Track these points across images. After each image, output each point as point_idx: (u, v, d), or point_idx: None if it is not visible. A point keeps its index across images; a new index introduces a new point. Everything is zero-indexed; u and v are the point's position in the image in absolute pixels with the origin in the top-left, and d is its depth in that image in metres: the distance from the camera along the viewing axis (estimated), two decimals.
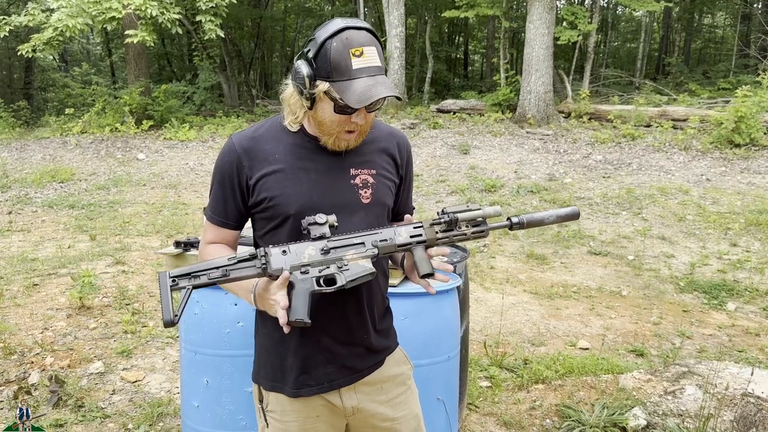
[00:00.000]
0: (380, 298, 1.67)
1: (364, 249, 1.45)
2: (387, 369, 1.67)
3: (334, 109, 1.44)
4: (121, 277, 5.68)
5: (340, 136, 1.50)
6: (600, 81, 16.29)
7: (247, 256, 1.41)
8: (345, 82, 1.40)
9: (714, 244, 6.96)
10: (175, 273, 1.38)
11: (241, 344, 2.34)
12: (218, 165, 1.57)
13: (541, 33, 12.06)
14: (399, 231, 1.48)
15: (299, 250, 1.42)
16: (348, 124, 1.48)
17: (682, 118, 11.36)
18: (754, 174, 9.14)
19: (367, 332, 1.61)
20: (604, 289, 5.79)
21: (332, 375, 1.58)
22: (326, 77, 1.41)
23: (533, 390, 3.59)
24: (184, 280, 1.37)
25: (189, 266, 1.40)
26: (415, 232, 1.49)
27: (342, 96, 1.40)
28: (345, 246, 1.44)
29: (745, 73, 15.87)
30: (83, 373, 3.81)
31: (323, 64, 1.41)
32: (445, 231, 1.51)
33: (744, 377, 3.10)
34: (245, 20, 19.59)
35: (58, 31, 11.51)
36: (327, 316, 1.55)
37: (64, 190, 9.76)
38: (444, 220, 1.51)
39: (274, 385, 1.60)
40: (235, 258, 1.40)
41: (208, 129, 13.12)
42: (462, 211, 1.52)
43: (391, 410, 1.67)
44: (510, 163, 10.41)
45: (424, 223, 1.51)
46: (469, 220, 1.52)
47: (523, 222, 1.56)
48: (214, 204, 1.59)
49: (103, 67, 24.09)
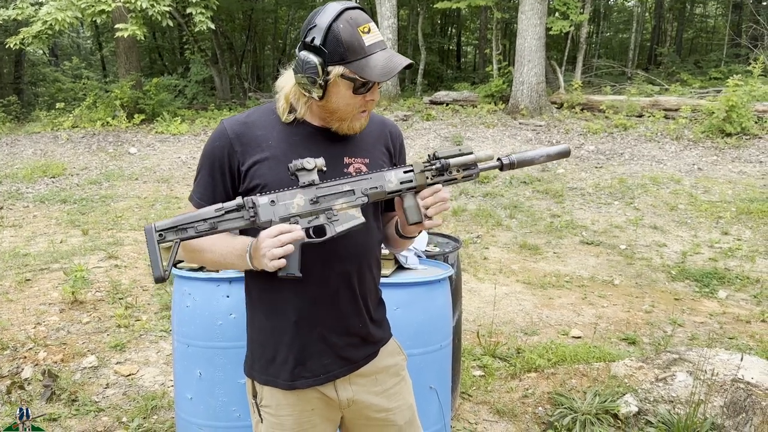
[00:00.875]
0: (373, 286, 1.66)
1: (353, 197, 1.43)
2: (381, 360, 1.67)
3: (352, 91, 1.44)
4: (113, 271, 5.67)
5: (354, 118, 1.50)
6: (592, 71, 16.29)
7: (234, 207, 1.37)
8: (362, 60, 1.40)
9: (705, 232, 7.00)
10: (162, 226, 1.35)
11: (234, 336, 2.34)
12: (208, 149, 1.54)
13: (533, 23, 12.04)
14: (389, 177, 1.46)
15: (287, 199, 1.39)
16: (364, 104, 1.48)
17: (674, 108, 11.38)
18: (745, 163, 9.18)
19: (362, 321, 1.61)
20: (596, 279, 5.82)
21: (328, 366, 1.57)
22: (340, 60, 1.40)
23: (526, 378, 3.61)
24: (171, 233, 1.35)
25: (175, 218, 1.36)
26: (405, 177, 1.47)
27: (362, 74, 1.40)
28: (335, 194, 1.42)
29: (736, 62, 15.91)
30: (76, 368, 3.81)
31: (335, 47, 1.40)
32: (436, 176, 1.50)
33: (734, 363, 3.13)
34: (236, 12, 19.49)
35: (47, 24, 11.41)
36: (320, 305, 1.54)
37: (56, 185, 9.71)
38: (436, 166, 1.50)
39: (269, 379, 1.58)
40: (222, 209, 1.37)
41: (200, 122, 13.06)
42: (454, 156, 1.51)
43: (386, 401, 1.67)
44: (503, 154, 10.40)
45: (414, 167, 1.48)
46: (460, 165, 1.51)
47: (513, 161, 1.55)
48: (201, 189, 1.54)
49: (94, 61, 23.92)
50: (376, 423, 1.67)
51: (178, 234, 1.35)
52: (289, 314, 1.54)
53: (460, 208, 8.05)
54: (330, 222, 1.42)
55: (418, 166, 1.48)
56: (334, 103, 1.47)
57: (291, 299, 1.54)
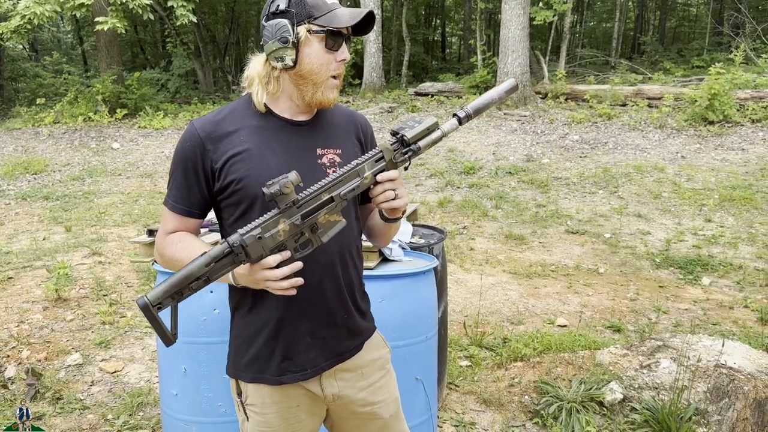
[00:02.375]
0: (357, 277, 1.65)
1: (334, 205, 1.43)
2: (366, 353, 1.66)
3: (325, 45, 1.47)
4: (97, 268, 5.62)
5: (327, 84, 1.50)
6: (576, 61, 16.34)
7: (222, 254, 1.34)
8: (329, 15, 1.45)
9: (689, 220, 7.07)
10: (156, 298, 1.31)
11: (218, 331, 2.33)
12: (179, 152, 1.52)
13: (516, 14, 12.05)
14: (363, 170, 1.45)
15: (272, 228, 1.37)
16: (336, 66, 1.49)
17: (657, 97, 11.45)
18: (727, 150, 9.27)
19: (348, 312, 1.60)
20: (581, 267, 5.86)
21: (315, 360, 1.57)
22: (308, 17, 1.44)
23: (512, 368, 3.63)
24: (167, 300, 1.32)
25: (166, 284, 1.32)
26: (377, 168, 1.47)
27: (331, 24, 1.44)
28: (315, 207, 1.41)
29: (718, 50, 16.03)
30: (61, 366, 3.77)
31: (300, 7, 1.44)
32: (404, 153, 1.50)
33: (717, 349, 3.17)
34: (219, 5, 19.30)
35: (26, 18, 11.24)
36: (305, 298, 1.53)
37: (38, 182, 9.60)
38: (408, 154, 1.50)
39: (255, 376, 1.57)
40: (211, 260, 1.33)
41: (184, 116, 12.95)
42: (422, 137, 1.51)
43: (371, 395, 1.66)
44: (488, 144, 10.43)
45: (385, 153, 1.48)
46: (429, 144, 1.52)
47: (469, 112, 1.55)
48: (176, 192, 1.53)
49: (75, 55, 23.60)
50: (362, 417, 1.67)
51: (175, 298, 1.33)
52: (274, 310, 1.53)
53: (446, 199, 8.06)
54: (314, 234, 1.42)
55: (388, 152, 1.48)
56: (307, 65, 1.48)
57: (275, 295, 1.52)
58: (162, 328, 1.34)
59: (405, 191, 1.50)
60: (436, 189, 8.63)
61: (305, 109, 1.56)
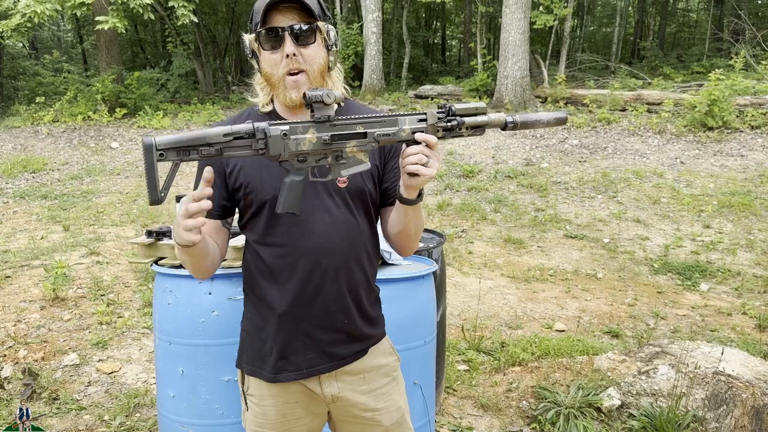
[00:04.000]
0: (364, 283, 1.62)
1: (365, 141, 1.38)
2: (371, 359, 1.65)
3: (264, 48, 1.47)
4: (95, 267, 5.61)
5: (286, 84, 1.48)
6: (576, 65, 16.36)
7: (243, 133, 1.27)
8: (254, 15, 1.47)
9: (688, 226, 7.07)
10: (163, 143, 1.22)
11: (216, 333, 2.32)
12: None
13: (517, 18, 12.06)
14: (404, 122, 1.40)
15: (300, 133, 1.32)
16: (285, 62, 1.45)
17: (657, 102, 11.47)
18: (726, 156, 9.28)
19: (349, 317, 1.59)
20: (580, 272, 5.86)
21: (312, 361, 1.56)
22: (255, 26, 1.47)
23: (510, 372, 3.62)
24: (172, 153, 1.23)
25: (178, 135, 1.24)
26: (417, 127, 1.41)
27: (256, 26, 1.46)
28: (347, 134, 1.36)
29: (718, 56, 16.06)
30: (57, 366, 3.76)
31: (252, 18, 1.49)
32: (446, 130, 1.43)
33: (715, 356, 3.16)
34: (219, 5, 19.30)
35: (26, 17, 11.23)
36: (305, 300, 1.53)
37: (36, 181, 9.58)
38: (451, 124, 1.43)
39: (254, 370, 1.60)
40: (231, 133, 1.26)
41: (183, 116, 12.94)
42: (470, 114, 1.45)
43: (372, 400, 1.65)
44: (488, 148, 10.43)
45: (429, 117, 1.41)
46: (472, 125, 1.46)
47: (516, 122, 1.49)
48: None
49: (75, 54, 23.57)
50: (363, 422, 1.66)
51: (180, 155, 1.24)
52: (275, 307, 1.54)
53: (444, 202, 8.06)
54: (337, 164, 1.37)
55: (432, 116, 1.41)
56: (264, 71, 1.50)
57: (277, 292, 1.54)
58: (154, 180, 1.24)
59: (437, 164, 1.40)
60: (435, 192, 8.63)
61: (297, 110, 1.54)
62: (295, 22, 1.44)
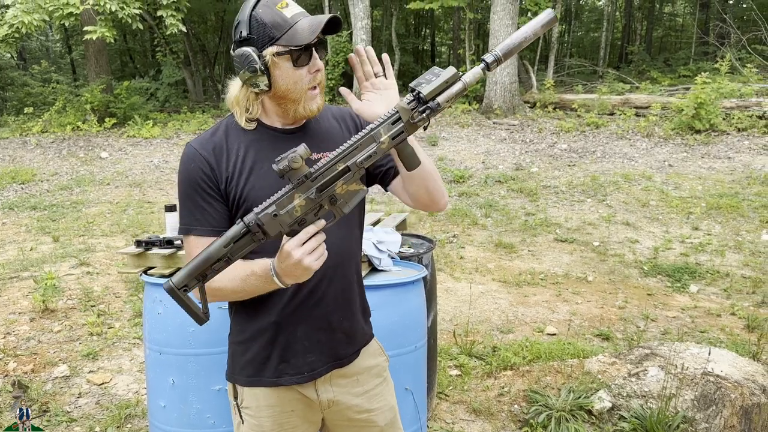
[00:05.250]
0: (356, 279, 1.64)
1: (350, 174, 1.35)
2: (363, 360, 1.67)
3: (293, 64, 1.43)
4: (85, 278, 5.58)
5: (307, 98, 1.48)
6: (564, 70, 16.46)
7: (239, 234, 1.31)
8: (289, 32, 1.41)
9: (677, 228, 7.12)
10: (180, 281, 1.29)
11: (207, 342, 2.32)
12: (186, 176, 1.50)
13: (505, 24, 12.14)
14: (378, 135, 1.35)
15: (287, 204, 1.32)
16: (312, 79, 1.46)
17: (645, 106, 11.56)
18: (714, 159, 9.36)
19: (344, 316, 1.60)
20: (570, 275, 5.89)
21: (313, 363, 1.57)
22: (270, 40, 1.41)
23: (501, 376, 3.64)
24: (192, 281, 1.30)
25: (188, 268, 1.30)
26: (395, 130, 1.36)
27: (293, 42, 1.40)
28: (332, 180, 1.35)
29: (704, 60, 16.20)
30: (48, 378, 3.74)
31: (261, 32, 1.41)
32: (422, 112, 1.36)
33: (704, 357, 3.19)
34: (209, 14, 19.31)
35: (14, 27, 11.20)
36: (304, 302, 1.54)
37: (25, 192, 9.53)
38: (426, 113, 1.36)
39: (252, 380, 1.58)
40: (230, 240, 1.30)
41: (173, 125, 12.92)
42: (441, 91, 1.36)
43: (367, 402, 1.66)
44: (478, 153, 10.48)
45: (402, 114, 1.35)
46: (450, 97, 1.37)
47: (498, 56, 1.37)
48: (199, 216, 1.49)
49: (64, 64, 23.47)
50: (358, 424, 1.68)
51: (200, 280, 1.32)
52: (271, 314, 1.54)
53: None
54: (334, 206, 1.37)
55: (405, 112, 1.35)
56: (282, 86, 1.46)
57: (273, 299, 1.53)
58: (192, 309, 1.33)
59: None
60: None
61: (294, 120, 1.55)
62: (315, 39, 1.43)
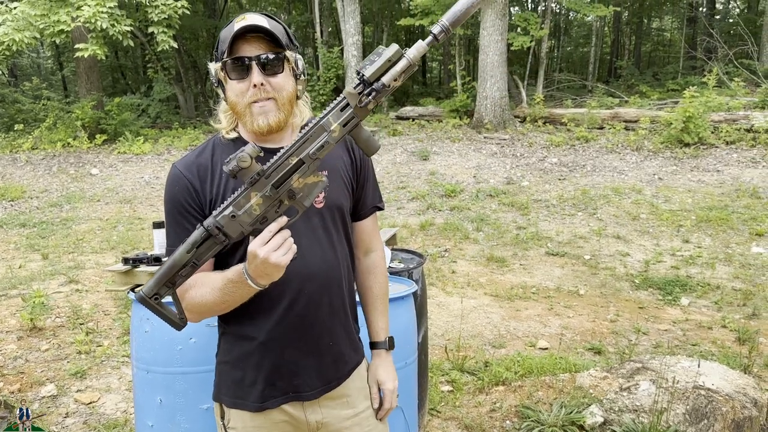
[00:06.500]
0: (346, 302, 1.62)
1: (305, 167, 1.34)
2: (352, 381, 1.65)
3: (231, 78, 1.45)
4: (74, 296, 5.54)
5: (252, 112, 1.46)
6: (554, 85, 16.60)
7: (201, 238, 1.31)
8: (229, 46, 1.42)
9: (667, 241, 7.15)
10: (150, 290, 1.31)
11: (194, 361, 2.30)
12: (171, 197, 1.50)
13: (494, 40, 12.24)
14: (329, 124, 1.33)
15: (245, 204, 1.32)
16: (253, 91, 1.44)
17: (634, 120, 11.65)
18: (703, 172, 9.43)
19: (334, 339, 1.58)
20: (562, 289, 5.89)
21: (299, 386, 1.55)
22: (221, 54, 1.45)
23: (493, 392, 3.62)
24: (163, 288, 1.31)
25: (155, 278, 1.31)
26: (345, 117, 1.33)
27: (222, 56, 1.44)
28: (286, 174, 1.33)
29: (692, 74, 16.38)
30: (35, 397, 3.69)
31: (219, 47, 1.47)
32: (369, 94, 1.33)
33: (695, 370, 3.19)
34: (200, 31, 19.37)
35: (4, 45, 11.19)
36: (290, 326, 1.52)
37: (15, 209, 9.47)
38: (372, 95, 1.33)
39: (237, 401, 1.56)
40: (192, 246, 1.30)
41: (164, 141, 12.90)
42: (386, 71, 1.32)
43: (356, 424, 1.64)
44: (469, 167, 10.51)
45: (350, 99, 1.33)
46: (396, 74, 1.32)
47: (446, 26, 1.32)
48: (183, 237, 1.43)
49: (55, 81, 23.46)
50: None
51: (168, 286, 1.32)
52: (257, 336, 1.52)
53: (427, 222, 8.08)
54: (296, 201, 1.35)
55: (353, 96, 1.33)
56: (230, 98, 1.48)
57: (260, 322, 1.51)
58: (167, 316, 1.34)
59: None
60: (417, 212, 8.66)
61: (268, 137, 1.51)
62: (262, 52, 1.43)
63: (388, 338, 1.76)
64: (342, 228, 1.59)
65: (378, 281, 1.75)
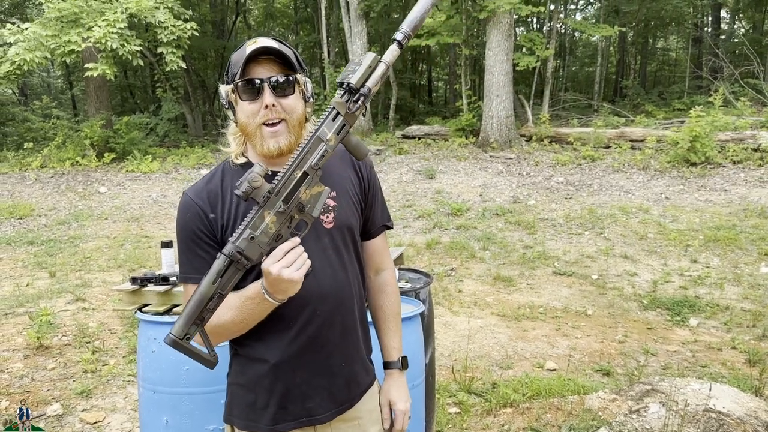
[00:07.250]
0: (359, 325, 1.62)
1: (310, 179, 1.39)
2: (363, 404, 1.63)
3: (243, 100, 1.47)
4: (81, 314, 5.54)
5: (264, 135, 1.48)
6: (560, 105, 16.64)
7: (224, 267, 1.33)
8: (241, 69, 1.45)
9: (675, 261, 7.11)
10: (180, 331, 1.31)
11: (201, 381, 2.29)
12: (183, 225, 1.51)
13: (500, 60, 12.32)
14: (324, 134, 1.40)
15: (260, 224, 1.35)
16: (263, 113, 1.46)
17: (640, 139, 11.66)
18: (710, 191, 9.40)
19: (346, 361, 1.58)
20: (569, 309, 5.85)
21: (312, 410, 1.54)
22: (232, 77, 1.47)
23: (501, 414, 3.58)
24: (192, 327, 1.33)
25: (183, 318, 1.32)
26: (337, 125, 1.42)
27: (235, 77, 1.45)
28: (294, 189, 1.38)
29: (698, 93, 16.41)
30: (40, 416, 3.68)
31: (230, 70, 1.49)
32: (356, 101, 1.43)
33: (705, 393, 3.15)
34: (208, 51, 19.58)
35: (15, 65, 11.35)
36: (303, 348, 1.51)
37: (23, 227, 9.52)
38: (360, 101, 1.43)
39: (249, 425, 1.55)
40: (215, 275, 1.32)
41: (172, 160, 12.99)
42: (368, 77, 1.44)
43: None
44: (475, 186, 10.52)
45: (338, 108, 1.42)
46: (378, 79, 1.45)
47: (405, 33, 1.46)
48: (198, 265, 1.48)
49: (64, 100, 23.73)
50: None
51: (198, 324, 1.33)
52: (269, 359, 1.52)
53: (433, 240, 8.07)
54: (304, 213, 1.40)
55: (341, 105, 1.43)
56: (240, 120, 1.50)
57: (272, 342, 1.51)
58: (199, 356, 1.35)
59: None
60: (423, 231, 8.65)
61: (277, 160, 1.52)
62: (273, 74, 1.46)
63: (402, 358, 1.75)
64: (352, 248, 1.60)
65: (389, 300, 1.76)
